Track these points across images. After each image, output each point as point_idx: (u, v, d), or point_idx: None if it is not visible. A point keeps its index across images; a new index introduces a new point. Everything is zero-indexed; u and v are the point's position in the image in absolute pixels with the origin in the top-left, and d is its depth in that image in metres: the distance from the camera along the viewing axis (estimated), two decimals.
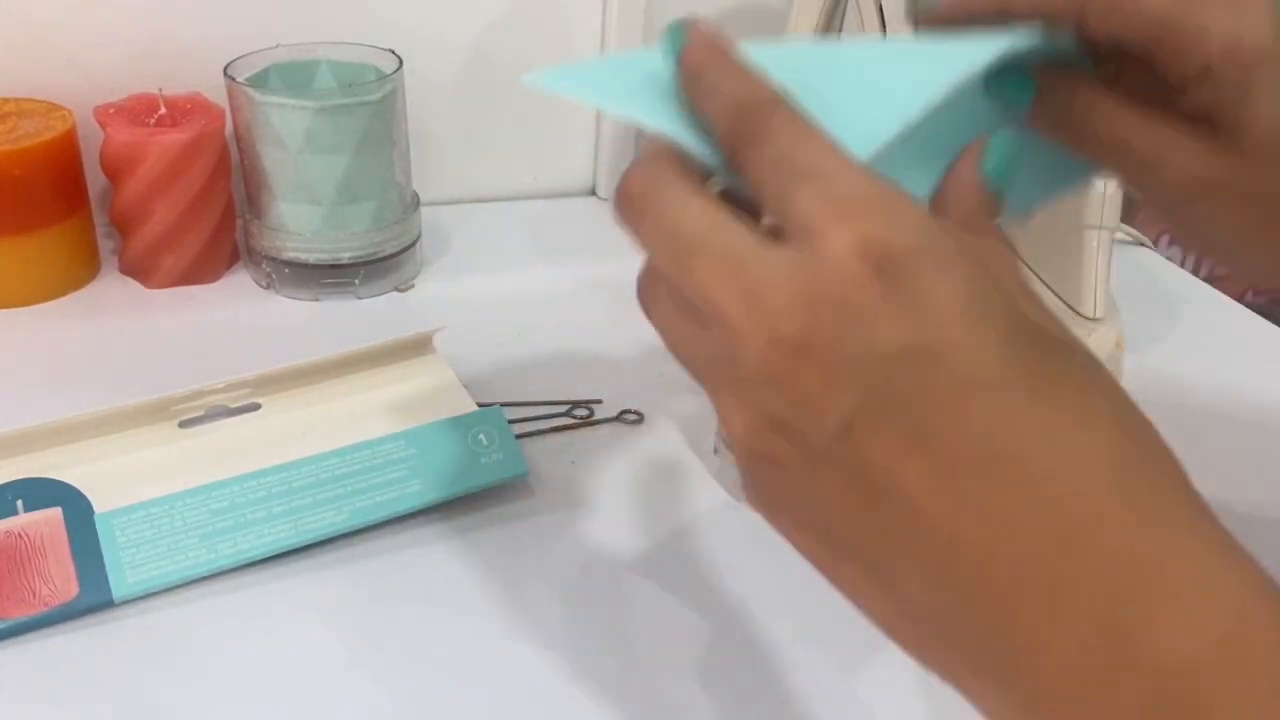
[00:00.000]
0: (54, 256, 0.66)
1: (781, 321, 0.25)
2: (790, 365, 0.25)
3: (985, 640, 0.25)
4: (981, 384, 0.24)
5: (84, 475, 0.47)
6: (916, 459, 0.24)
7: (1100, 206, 0.62)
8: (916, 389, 0.24)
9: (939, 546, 0.25)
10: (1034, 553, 0.24)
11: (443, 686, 0.42)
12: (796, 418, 0.25)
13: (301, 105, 0.62)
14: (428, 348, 0.56)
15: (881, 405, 0.24)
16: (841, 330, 0.24)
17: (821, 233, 0.25)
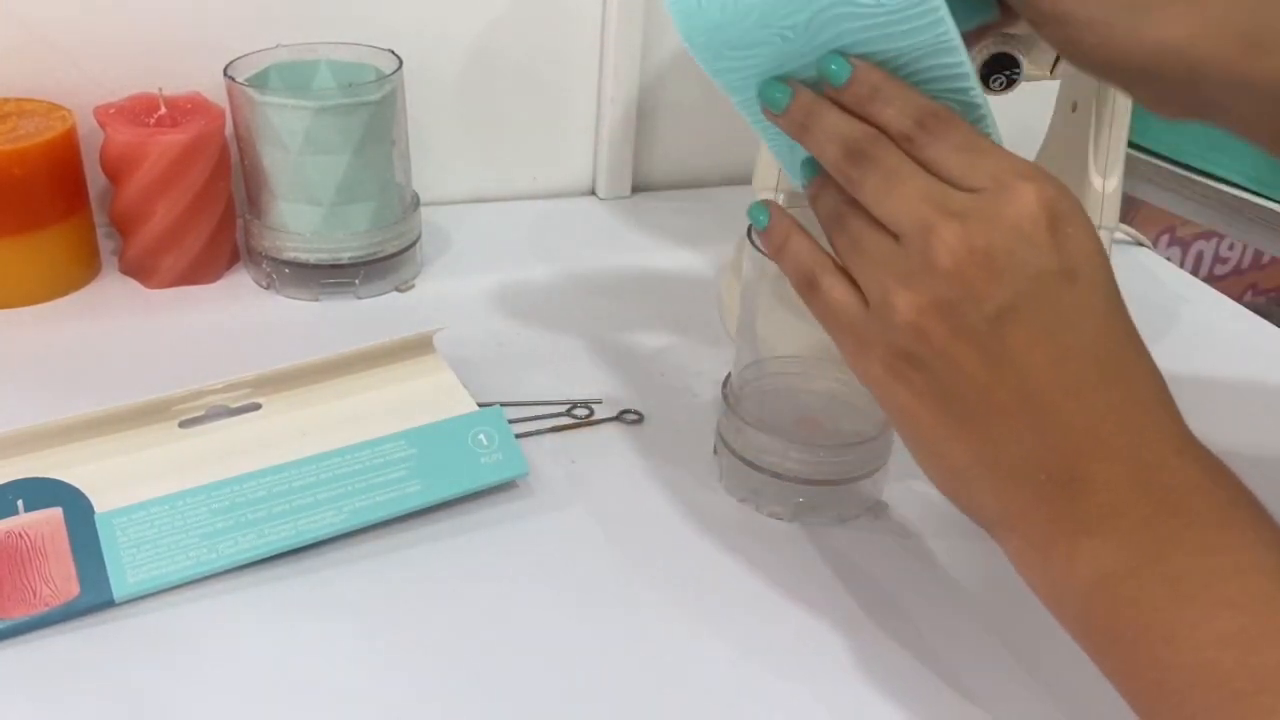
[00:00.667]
0: (54, 256, 0.66)
1: (976, 235, 0.35)
2: (971, 264, 0.35)
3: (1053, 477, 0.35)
4: (1092, 308, 0.35)
5: (84, 475, 0.47)
6: (1043, 348, 0.34)
7: (1100, 206, 0.62)
8: (1058, 298, 0.34)
9: (1036, 412, 0.35)
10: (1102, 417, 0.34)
11: (443, 686, 0.42)
12: (963, 301, 0.35)
13: (301, 105, 0.62)
14: (428, 348, 0.56)
15: (1028, 305, 0.34)
16: (1015, 249, 0.34)
17: (1012, 186, 0.35)
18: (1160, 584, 0.33)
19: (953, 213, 0.35)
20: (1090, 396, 0.34)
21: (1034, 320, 0.34)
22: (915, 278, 0.36)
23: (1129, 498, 0.34)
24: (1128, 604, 0.33)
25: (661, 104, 0.83)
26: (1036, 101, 0.67)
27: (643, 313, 0.68)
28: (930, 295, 0.35)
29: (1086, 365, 0.34)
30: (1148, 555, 0.33)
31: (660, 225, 0.80)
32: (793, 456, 0.49)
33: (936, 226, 0.35)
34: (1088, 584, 0.34)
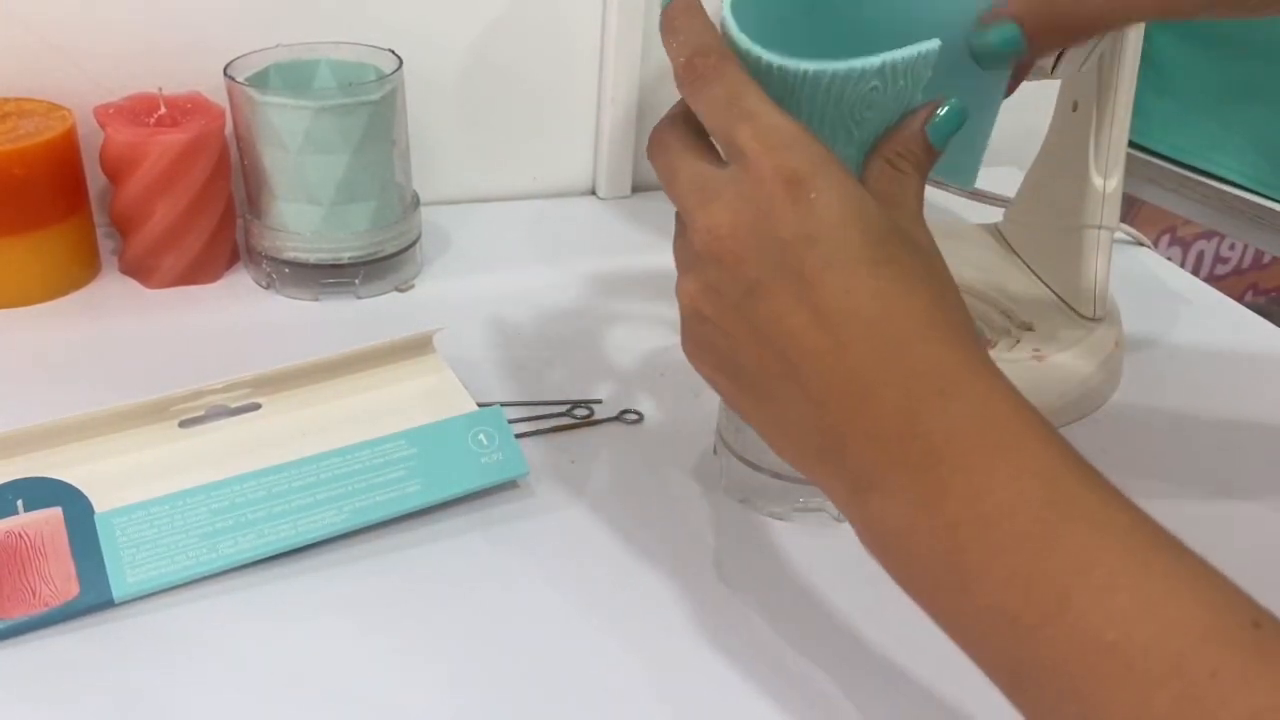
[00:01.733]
0: (54, 256, 0.66)
1: (722, 215, 0.36)
2: (721, 245, 0.36)
3: (829, 437, 0.35)
4: (841, 262, 0.35)
5: (84, 475, 0.47)
6: (798, 311, 0.35)
7: (1100, 206, 0.62)
8: (800, 263, 0.35)
9: (808, 371, 0.35)
10: (861, 368, 0.35)
11: (443, 686, 0.42)
12: (722, 282, 0.37)
13: (301, 105, 0.62)
14: (428, 348, 0.56)
15: (776, 274, 0.35)
16: (757, 223, 0.36)
17: (754, 159, 0.36)
18: (939, 534, 0.33)
19: (707, 197, 0.37)
20: (849, 354, 0.35)
21: (782, 290, 0.35)
22: (688, 263, 0.38)
23: (897, 449, 0.34)
24: (917, 556, 0.34)
25: (661, 104, 0.83)
26: (1036, 101, 0.67)
27: (643, 313, 0.68)
28: (699, 280, 0.38)
29: (840, 323, 0.35)
30: (922, 505, 0.33)
31: (660, 225, 0.80)
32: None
33: (694, 213, 0.37)
34: (883, 540, 0.35)
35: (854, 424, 0.35)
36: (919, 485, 0.33)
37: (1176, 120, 0.95)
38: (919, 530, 0.33)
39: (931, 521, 0.33)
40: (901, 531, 0.34)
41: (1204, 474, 0.56)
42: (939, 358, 0.34)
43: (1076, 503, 0.32)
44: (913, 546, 0.34)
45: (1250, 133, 0.92)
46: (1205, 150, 0.95)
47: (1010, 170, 0.75)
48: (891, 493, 0.34)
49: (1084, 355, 0.61)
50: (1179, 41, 0.94)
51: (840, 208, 0.35)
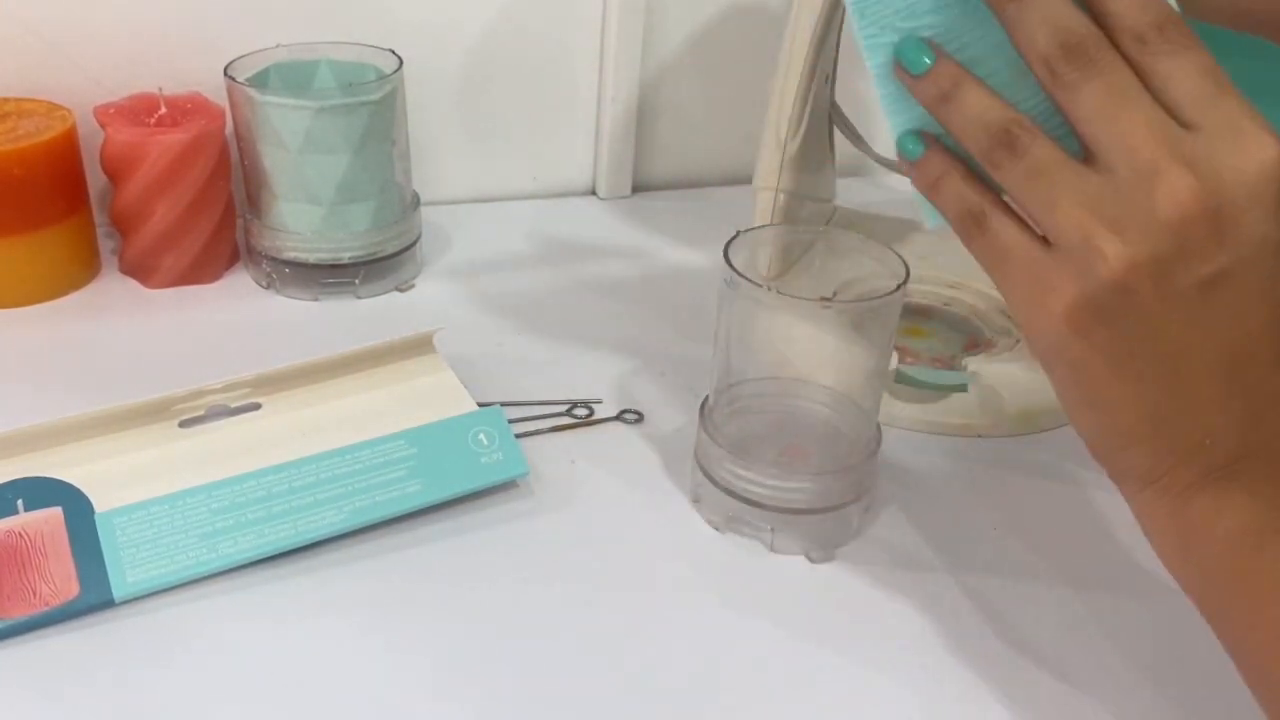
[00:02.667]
0: (54, 256, 0.66)
1: (1206, 187, 0.32)
2: (1198, 221, 0.32)
3: (1220, 431, 0.34)
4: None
5: (84, 475, 0.47)
6: (1250, 318, 0.33)
7: None
8: (1268, 269, 0.32)
9: (1224, 381, 0.33)
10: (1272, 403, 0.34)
11: (443, 686, 0.42)
12: (1180, 261, 0.32)
13: (301, 105, 0.62)
14: (428, 348, 0.56)
15: (1244, 272, 0.32)
16: (1245, 210, 0.32)
17: (1252, 134, 0.32)
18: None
19: (1184, 157, 0.32)
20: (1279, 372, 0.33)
21: (1246, 288, 0.33)
22: (1131, 225, 0.33)
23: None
24: (1264, 557, 0.33)
25: (661, 104, 0.83)
26: None
27: (643, 313, 0.68)
28: (1147, 249, 0.32)
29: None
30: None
31: (660, 225, 0.80)
32: (769, 483, 0.48)
33: (1166, 171, 0.32)
34: (1224, 536, 0.34)
35: (1258, 440, 0.34)
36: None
37: None
38: (1269, 538, 0.33)
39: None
40: (1252, 531, 0.34)
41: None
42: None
43: None
44: (1259, 546, 0.34)
45: None
46: None
47: None
48: (1264, 498, 0.34)
49: None
50: None
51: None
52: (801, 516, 0.48)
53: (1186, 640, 0.43)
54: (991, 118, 0.35)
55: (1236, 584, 0.34)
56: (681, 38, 0.82)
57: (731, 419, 0.51)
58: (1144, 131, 0.33)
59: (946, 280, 0.68)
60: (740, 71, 0.83)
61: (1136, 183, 0.32)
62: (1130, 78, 0.33)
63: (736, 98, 0.84)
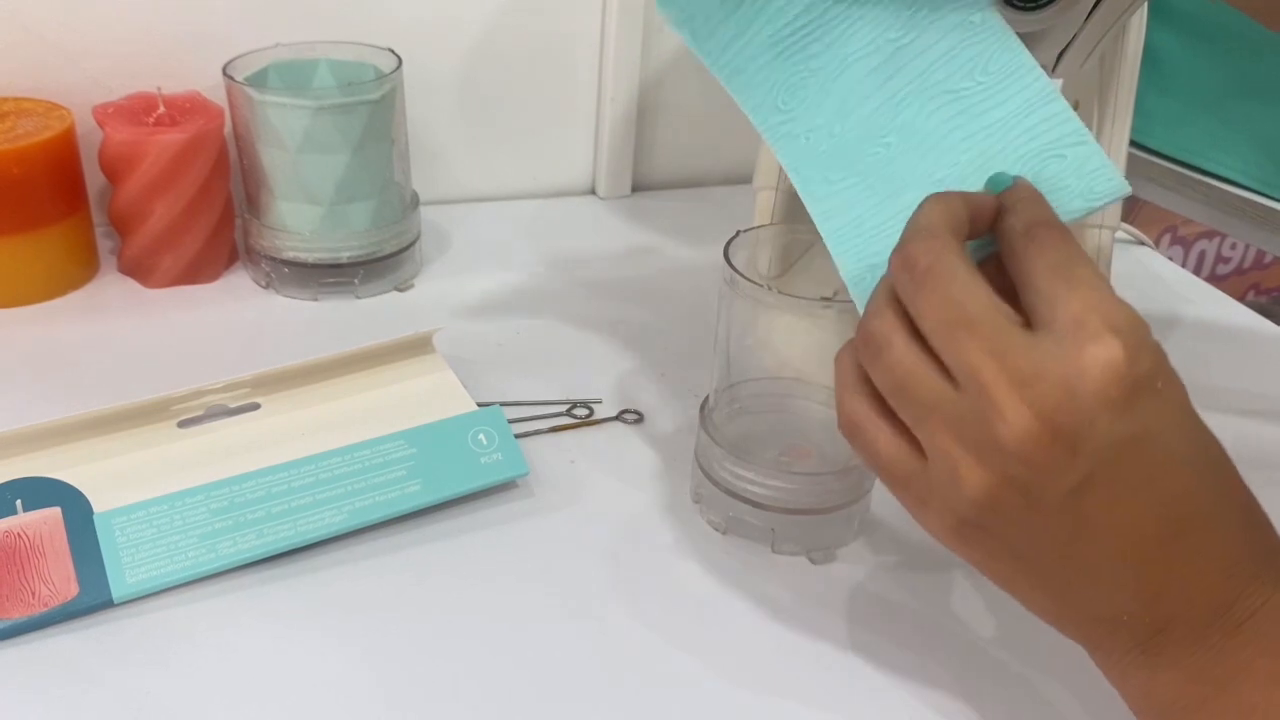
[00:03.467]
0: (53, 256, 0.65)
1: (1045, 410, 0.32)
2: (1044, 444, 0.32)
3: (1138, 612, 0.34)
4: (1184, 456, 0.33)
5: (83, 475, 0.47)
6: (1121, 510, 0.33)
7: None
8: (1132, 464, 0.32)
9: (1116, 569, 0.34)
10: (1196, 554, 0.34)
11: (443, 686, 0.42)
12: (1036, 482, 0.33)
13: (301, 105, 0.62)
14: (427, 348, 0.56)
15: (1105, 474, 0.32)
16: (1093, 420, 0.32)
17: (1093, 336, 0.32)
18: (1230, 715, 0.34)
19: (1020, 378, 0.32)
20: (1174, 544, 0.34)
21: (1115, 485, 0.33)
22: (982, 450, 0.33)
23: (1205, 633, 0.34)
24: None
25: (661, 104, 0.83)
26: None
27: (643, 312, 0.68)
28: (1000, 474, 0.33)
29: (1170, 517, 0.34)
30: (1219, 687, 0.34)
31: (660, 225, 0.80)
32: (770, 484, 0.48)
33: (999, 398, 0.32)
34: (1162, 710, 0.35)
35: (1167, 612, 0.34)
36: (1221, 666, 0.34)
37: (1178, 119, 0.95)
38: (1208, 710, 0.34)
39: (1225, 703, 0.33)
40: (1189, 708, 0.34)
41: None
42: (1253, 546, 0.34)
43: None
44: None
45: (1252, 132, 0.92)
46: (1207, 149, 0.95)
47: None
48: (1188, 670, 0.34)
49: None
50: (1180, 40, 0.94)
51: (1180, 397, 0.34)
52: (802, 517, 0.48)
53: None
54: (864, 317, 0.36)
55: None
56: (681, 38, 0.81)
57: (732, 419, 0.51)
58: (978, 352, 0.33)
59: None
60: None
61: (979, 403, 0.33)
62: (970, 280, 0.34)
63: None
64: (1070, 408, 0.32)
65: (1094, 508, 0.33)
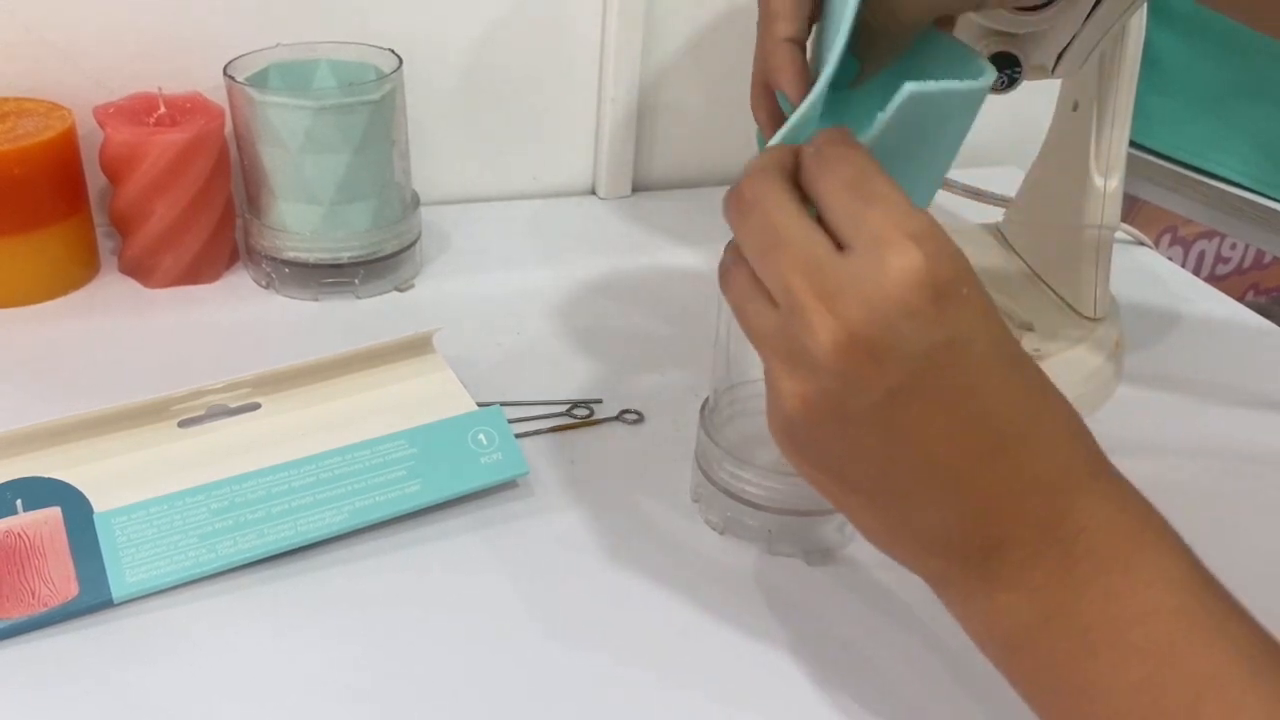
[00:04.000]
0: (54, 256, 0.66)
1: (850, 321, 0.32)
2: (851, 355, 0.32)
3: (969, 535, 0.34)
4: (994, 364, 0.33)
5: (84, 475, 0.47)
6: (939, 421, 0.33)
7: (1100, 206, 0.62)
8: (945, 372, 0.32)
9: (941, 485, 0.34)
10: (1019, 469, 0.34)
11: (443, 686, 0.42)
12: (848, 393, 0.33)
13: (301, 105, 0.62)
14: (427, 348, 0.56)
15: (918, 383, 0.32)
16: (897, 328, 0.32)
17: (892, 247, 0.32)
18: (1070, 635, 0.33)
19: (827, 292, 0.32)
20: (995, 461, 0.34)
21: (926, 396, 0.33)
22: (796, 364, 0.34)
23: (1039, 551, 0.34)
24: (1043, 656, 0.34)
25: (661, 104, 0.83)
26: (1037, 101, 0.67)
27: (643, 313, 0.68)
28: (814, 385, 0.33)
29: (987, 431, 0.33)
30: (1058, 606, 0.33)
31: (660, 225, 0.80)
32: (768, 485, 0.48)
33: (808, 312, 0.33)
34: (1005, 636, 0.35)
35: (1000, 528, 0.34)
36: (1057, 585, 0.33)
37: (1177, 120, 0.95)
38: (1049, 631, 0.33)
39: (1064, 622, 0.33)
40: (1031, 629, 0.34)
41: (1206, 473, 0.56)
42: (1080, 461, 0.35)
43: (1204, 612, 0.32)
44: (1039, 645, 0.34)
45: (1251, 132, 0.92)
46: (1206, 150, 0.95)
47: (1010, 170, 0.75)
48: (1026, 592, 0.34)
49: (1085, 355, 0.61)
50: (1179, 41, 0.94)
51: (983, 309, 0.33)
52: (800, 519, 0.48)
53: None
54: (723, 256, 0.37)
55: (1034, 688, 0.35)
56: (681, 38, 0.81)
57: (732, 420, 0.51)
58: (790, 271, 0.33)
59: None
60: (740, 71, 0.83)
61: (792, 319, 0.33)
62: (784, 207, 0.34)
63: (736, 98, 0.84)
64: (874, 318, 0.32)
65: (907, 420, 0.33)
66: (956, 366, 0.33)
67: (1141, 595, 0.32)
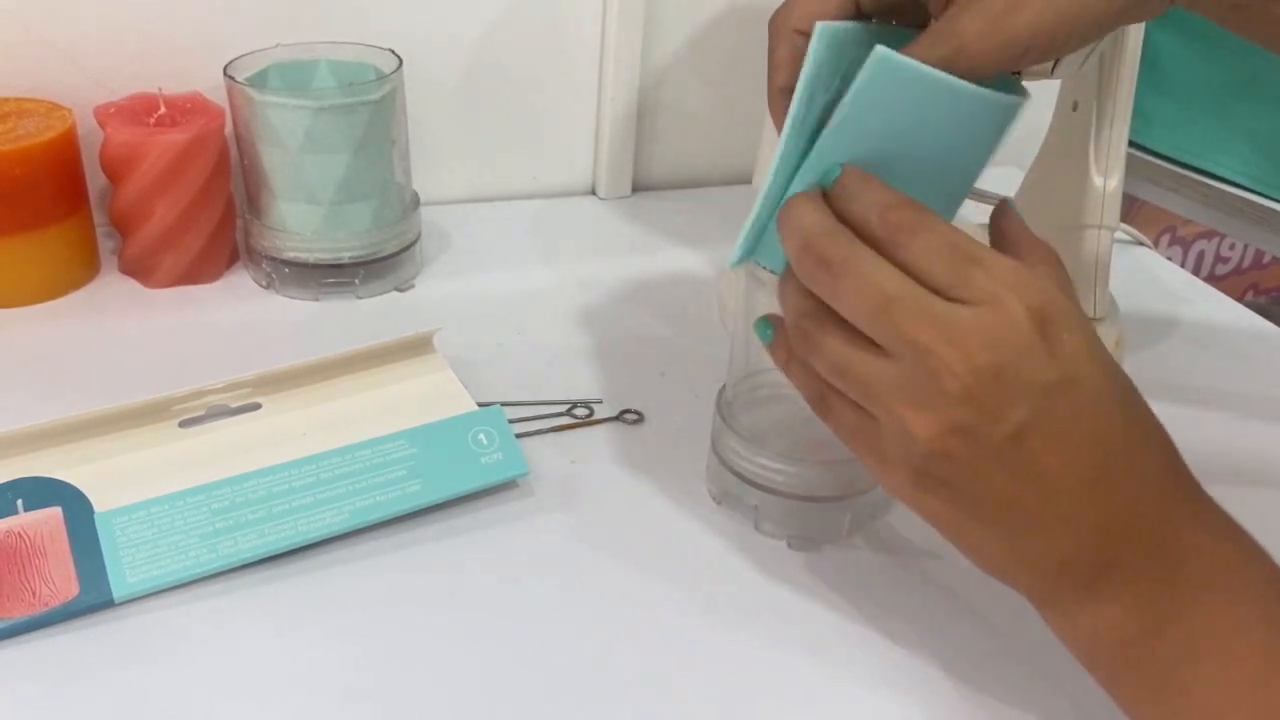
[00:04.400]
0: (54, 256, 0.66)
1: (979, 356, 0.35)
2: (982, 388, 0.35)
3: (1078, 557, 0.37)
4: (1098, 402, 0.36)
5: (84, 475, 0.47)
6: (1058, 454, 0.36)
7: (1100, 206, 0.62)
8: (1061, 408, 0.36)
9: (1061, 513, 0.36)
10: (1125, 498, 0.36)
11: (443, 686, 0.42)
12: (979, 424, 0.36)
13: (301, 105, 0.62)
14: (428, 348, 0.56)
15: (1040, 419, 0.35)
16: (1017, 367, 0.35)
17: (1002, 300, 0.35)
18: (1176, 643, 0.36)
19: (953, 338, 0.36)
20: (1106, 489, 0.36)
21: (1047, 431, 0.36)
22: (927, 402, 0.36)
23: (1147, 570, 0.36)
24: (1148, 661, 0.36)
25: (661, 104, 0.83)
26: (1037, 101, 0.67)
27: (643, 313, 0.68)
28: (948, 419, 0.36)
29: (1098, 461, 0.36)
30: (1165, 618, 0.36)
31: (660, 225, 0.80)
32: (789, 471, 0.48)
33: (940, 354, 0.36)
34: (1113, 645, 0.37)
35: (1110, 554, 0.36)
36: (1165, 600, 0.36)
37: (1176, 120, 0.95)
38: (1156, 639, 0.36)
39: (1171, 631, 0.36)
40: (1136, 639, 0.37)
41: (1205, 474, 0.56)
42: (1183, 491, 0.37)
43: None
44: (1144, 654, 0.36)
45: (1250, 132, 0.92)
46: (1205, 150, 0.95)
47: (1010, 170, 0.75)
48: (1135, 606, 0.36)
49: None
50: (1179, 41, 0.94)
51: (1089, 347, 0.36)
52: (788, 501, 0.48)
53: None
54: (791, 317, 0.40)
55: (1137, 693, 0.37)
56: (681, 38, 0.82)
57: (749, 409, 0.51)
58: (912, 326, 0.36)
59: None
60: (740, 71, 0.83)
61: (920, 366, 0.36)
62: (878, 263, 0.37)
63: (736, 98, 0.84)
64: (999, 358, 0.35)
65: (1034, 451, 0.36)
66: (1073, 399, 0.36)
67: (1242, 610, 0.36)
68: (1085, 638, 0.38)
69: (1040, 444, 0.36)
